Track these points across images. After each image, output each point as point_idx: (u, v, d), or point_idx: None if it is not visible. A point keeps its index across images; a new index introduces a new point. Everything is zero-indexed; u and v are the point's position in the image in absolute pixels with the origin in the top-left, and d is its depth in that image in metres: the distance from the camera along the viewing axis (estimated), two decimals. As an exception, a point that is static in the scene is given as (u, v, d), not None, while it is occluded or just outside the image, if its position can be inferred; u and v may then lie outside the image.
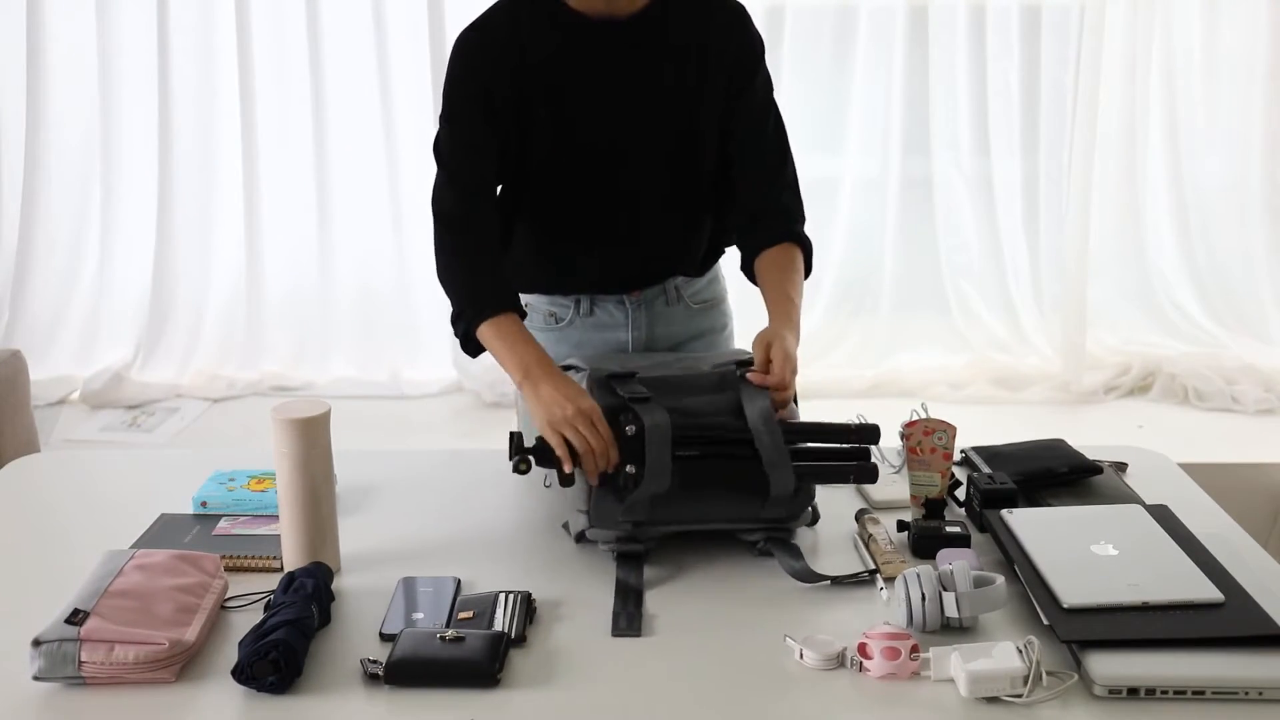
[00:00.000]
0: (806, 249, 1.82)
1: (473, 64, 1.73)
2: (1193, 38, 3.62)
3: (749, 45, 1.81)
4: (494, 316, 1.68)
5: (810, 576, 1.48)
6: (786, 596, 1.46)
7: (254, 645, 1.27)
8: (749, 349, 1.65)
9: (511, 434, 1.54)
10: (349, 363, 3.75)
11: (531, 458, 1.52)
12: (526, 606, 1.41)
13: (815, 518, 1.61)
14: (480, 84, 1.73)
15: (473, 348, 1.74)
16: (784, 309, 1.70)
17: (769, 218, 1.81)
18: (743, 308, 2.01)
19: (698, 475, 1.52)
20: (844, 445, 1.59)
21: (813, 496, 1.59)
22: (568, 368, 1.66)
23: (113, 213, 3.66)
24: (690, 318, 1.93)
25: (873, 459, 1.59)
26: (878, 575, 1.49)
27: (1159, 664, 1.25)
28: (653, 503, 1.51)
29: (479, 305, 1.70)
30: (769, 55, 1.84)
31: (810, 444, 1.58)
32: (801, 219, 1.85)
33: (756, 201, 1.82)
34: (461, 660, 1.29)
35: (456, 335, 1.75)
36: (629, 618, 1.41)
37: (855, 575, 1.49)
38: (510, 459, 1.52)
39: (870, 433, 1.59)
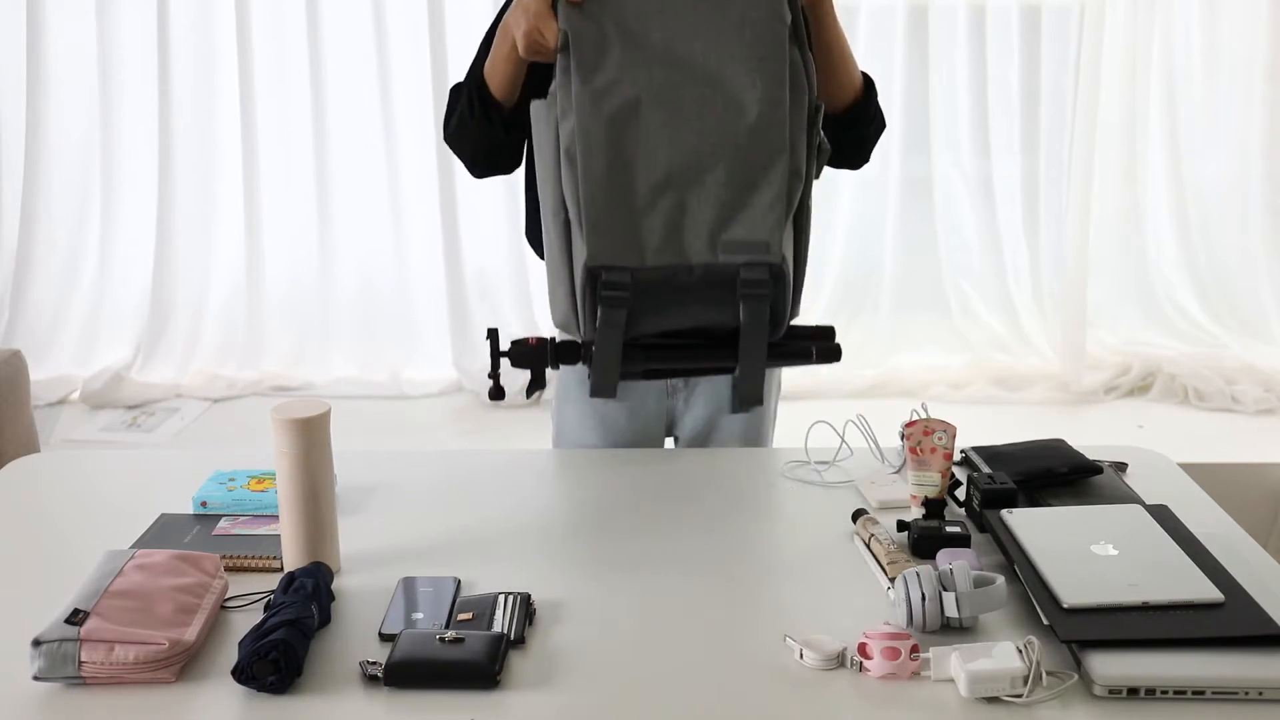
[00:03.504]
0: None
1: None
2: (1193, 38, 3.62)
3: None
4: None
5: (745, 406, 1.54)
6: (786, 598, 1.46)
7: (254, 645, 1.27)
8: None
9: (489, 330, 1.57)
10: (349, 363, 3.75)
11: (509, 360, 1.57)
12: (526, 608, 1.41)
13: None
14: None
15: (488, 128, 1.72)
16: None
17: None
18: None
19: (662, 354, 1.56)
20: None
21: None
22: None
23: (113, 213, 3.67)
24: None
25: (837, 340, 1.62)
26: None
27: (1159, 664, 1.25)
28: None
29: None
30: None
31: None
32: None
33: None
34: (461, 661, 1.28)
35: (471, 129, 1.74)
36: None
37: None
38: (490, 368, 1.57)
39: (826, 331, 1.61)
